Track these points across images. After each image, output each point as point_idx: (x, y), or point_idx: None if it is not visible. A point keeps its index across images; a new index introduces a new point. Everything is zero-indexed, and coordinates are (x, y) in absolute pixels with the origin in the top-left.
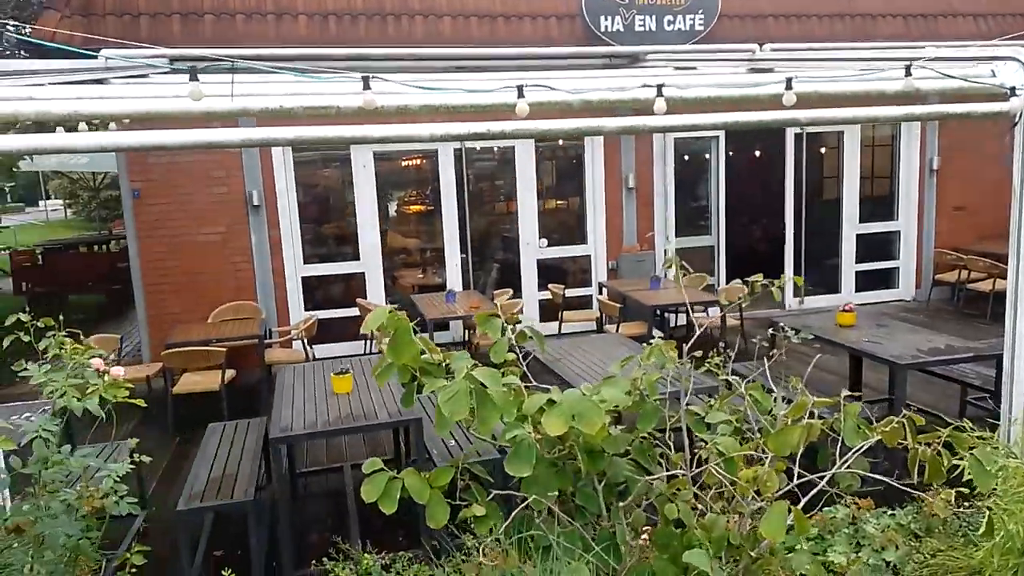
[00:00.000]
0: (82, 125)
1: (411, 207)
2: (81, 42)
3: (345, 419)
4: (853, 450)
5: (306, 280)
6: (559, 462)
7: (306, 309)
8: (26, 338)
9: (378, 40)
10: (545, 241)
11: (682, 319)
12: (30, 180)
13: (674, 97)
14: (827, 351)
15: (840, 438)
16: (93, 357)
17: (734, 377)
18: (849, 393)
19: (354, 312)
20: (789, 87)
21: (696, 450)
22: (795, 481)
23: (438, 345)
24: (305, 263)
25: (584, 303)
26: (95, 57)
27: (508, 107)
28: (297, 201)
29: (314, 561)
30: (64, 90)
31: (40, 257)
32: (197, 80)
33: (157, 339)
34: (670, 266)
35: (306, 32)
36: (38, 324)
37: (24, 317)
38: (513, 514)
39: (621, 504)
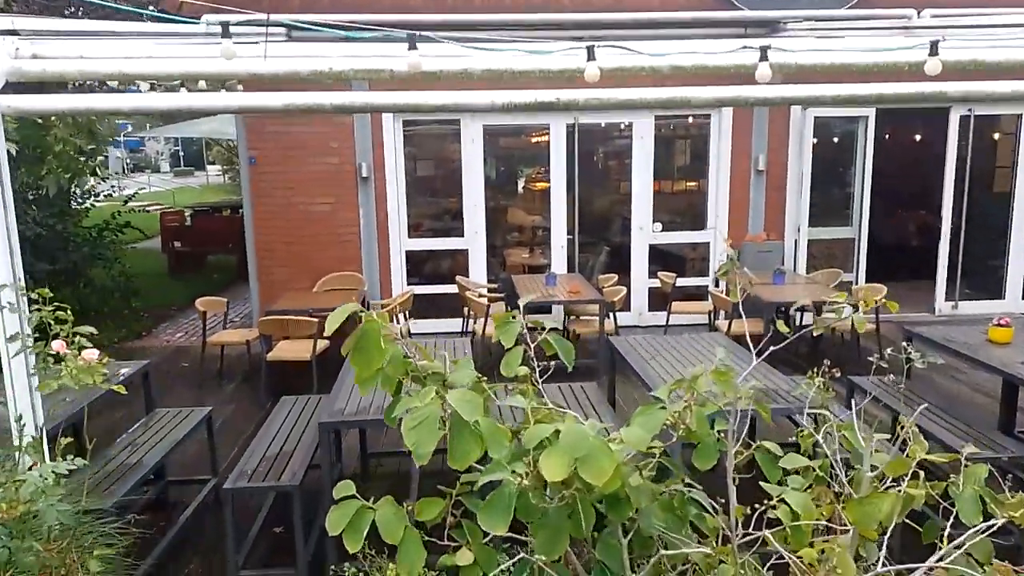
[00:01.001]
0: (201, 84)
1: (520, 184)
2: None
3: None
4: (973, 529)
5: (410, 254)
6: (573, 503)
7: (408, 283)
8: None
9: (492, 7)
10: (659, 225)
11: (809, 319)
12: (199, 146)
13: (786, 64)
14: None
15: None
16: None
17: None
18: (974, 451)
19: (455, 289)
20: (934, 52)
21: (760, 504)
22: (880, 567)
23: (535, 329)
24: (409, 237)
25: (700, 294)
26: (196, 22)
27: (579, 72)
28: (405, 175)
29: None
30: (111, 47)
31: (189, 219)
32: (229, 38)
33: (265, 304)
34: (724, 272)
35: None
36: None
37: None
38: (510, 563)
39: (650, 561)
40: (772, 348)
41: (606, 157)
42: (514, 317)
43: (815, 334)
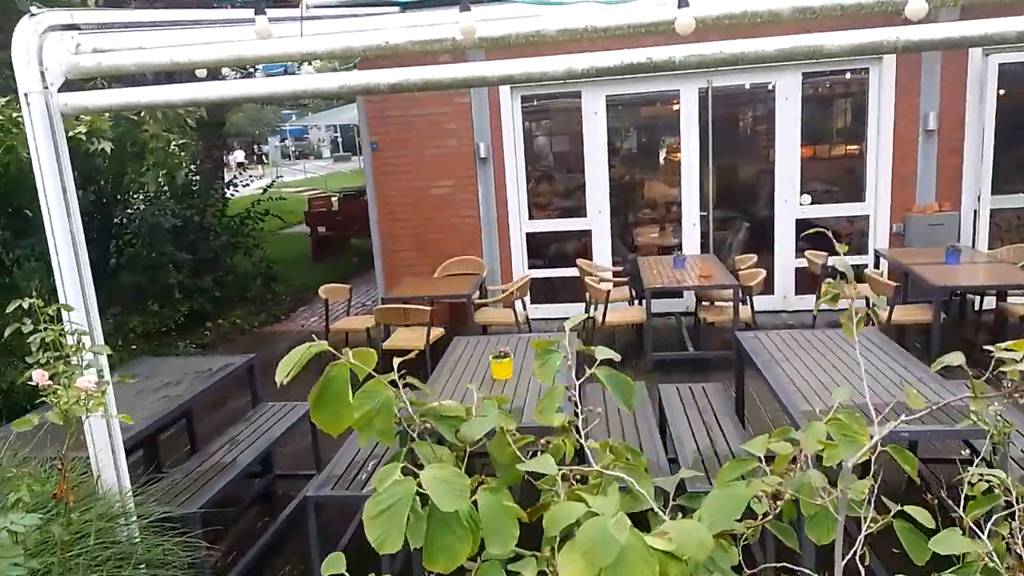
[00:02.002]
0: (306, 67)
1: (647, 158)
2: None
3: None
4: None
5: (530, 236)
6: None
7: (530, 267)
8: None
9: None
10: (808, 197)
11: (989, 303)
12: (354, 132)
13: None
14: None
15: None
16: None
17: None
18: None
19: (576, 272)
20: None
21: None
22: None
23: (661, 315)
24: (530, 218)
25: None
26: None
27: (670, 25)
28: (524, 153)
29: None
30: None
31: (336, 203)
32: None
33: (389, 289)
34: (832, 296)
35: None
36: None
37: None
38: None
39: None
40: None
41: (745, 123)
42: (556, 346)
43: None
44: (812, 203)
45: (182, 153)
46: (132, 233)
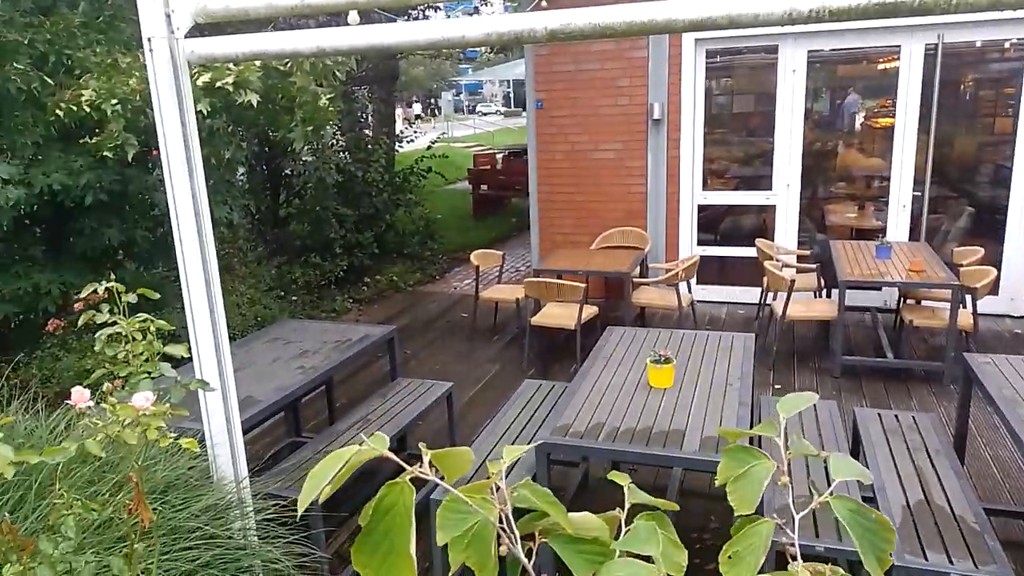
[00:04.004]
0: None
1: (854, 126)
2: None
3: (639, 435)
4: None
5: (703, 209)
6: None
7: (699, 243)
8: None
9: None
10: None
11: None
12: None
13: None
14: None
15: None
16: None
17: None
18: None
19: (753, 252)
20: None
21: None
22: None
23: (853, 309)
24: (704, 189)
25: None
26: None
27: None
28: (705, 115)
29: None
30: None
31: (500, 160)
32: None
33: (544, 257)
34: None
35: None
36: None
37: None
38: None
39: None
40: None
41: (978, 86)
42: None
43: None
44: None
45: (330, 108)
46: (300, 186)
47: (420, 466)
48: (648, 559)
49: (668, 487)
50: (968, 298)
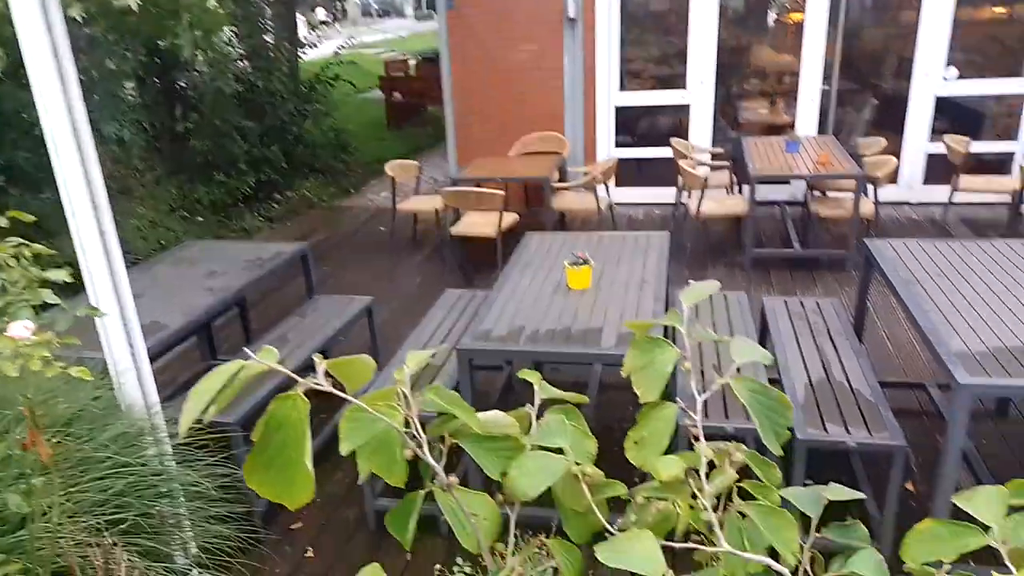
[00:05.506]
0: None
1: (761, 19)
2: None
3: (559, 336)
4: None
5: (620, 111)
6: None
7: (617, 145)
8: None
9: None
10: (955, 71)
11: None
12: None
13: None
14: None
15: None
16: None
17: None
18: None
19: (670, 153)
20: None
21: None
22: None
23: (765, 204)
24: (621, 90)
25: (1001, 166)
26: None
27: None
28: (620, 12)
29: None
30: None
31: (414, 67)
32: None
33: (462, 166)
34: None
35: None
36: None
37: None
38: None
39: None
40: None
41: None
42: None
43: None
44: (960, 77)
45: (220, 11)
46: (197, 99)
47: (314, 376)
48: (560, 451)
49: (589, 384)
50: (870, 187)
